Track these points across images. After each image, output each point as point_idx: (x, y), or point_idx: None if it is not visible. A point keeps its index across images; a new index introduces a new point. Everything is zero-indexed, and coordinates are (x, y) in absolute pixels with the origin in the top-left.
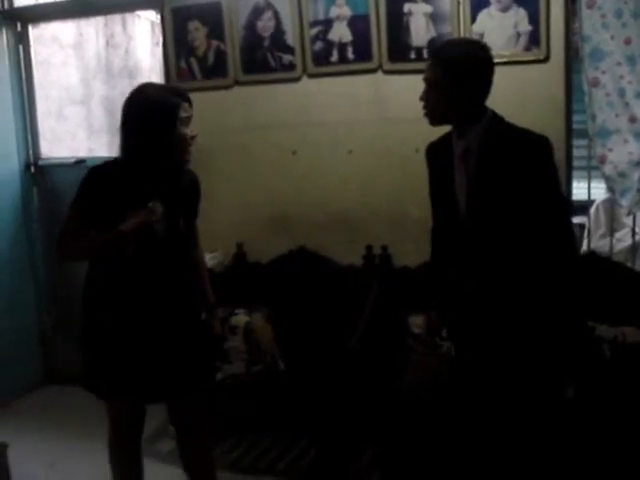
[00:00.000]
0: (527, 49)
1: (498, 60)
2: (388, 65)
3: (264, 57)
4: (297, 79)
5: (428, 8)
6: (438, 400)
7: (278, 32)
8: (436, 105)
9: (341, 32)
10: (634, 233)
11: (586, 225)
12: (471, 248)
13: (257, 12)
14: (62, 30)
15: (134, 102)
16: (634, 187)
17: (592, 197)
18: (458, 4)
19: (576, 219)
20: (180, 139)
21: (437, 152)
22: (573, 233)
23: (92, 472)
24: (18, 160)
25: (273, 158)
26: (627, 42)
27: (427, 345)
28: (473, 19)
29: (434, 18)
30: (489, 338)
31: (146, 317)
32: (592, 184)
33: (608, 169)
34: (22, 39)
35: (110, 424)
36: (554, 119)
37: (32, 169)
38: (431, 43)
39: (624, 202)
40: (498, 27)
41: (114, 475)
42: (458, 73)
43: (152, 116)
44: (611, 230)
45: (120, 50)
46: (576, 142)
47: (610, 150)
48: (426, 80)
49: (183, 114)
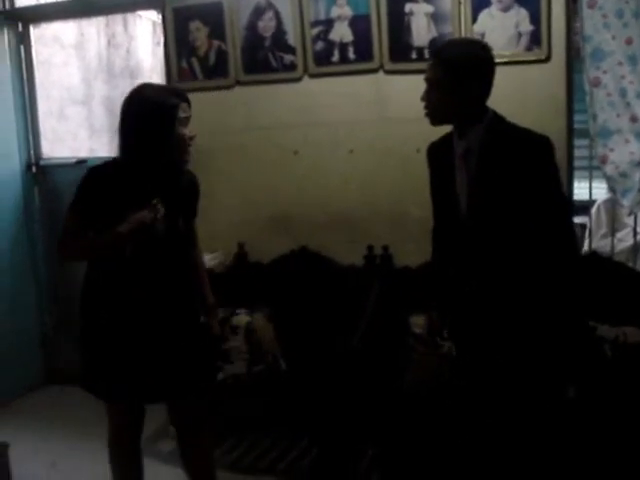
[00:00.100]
0: (528, 49)
1: (499, 60)
2: (389, 65)
3: (265, 57)
4: (298, 79)
5: (429, 8)
6: (439, 400)
7: (279, 32)
8: (437, 105)
9: (342, 32)
10: (635, 233)
11: (587, 225)
12: (472, 248)
13: (258, 12)
14: (63, 30)
15: (132, 102)
16: (635, 187)
17: (593, 197)
18: (459, 4)
19: (577, 219)
20: (179, 139)
21: (438, 152)
22: (574, 233)
23: (93, 472)
24: (19, 160)
25: (274, 158)
26: (628, 42)
27: (428, 345)
28: (474, 19)
29: (435, 18)
30: (490, 338)
31: (145, 317)
32: (593, 184)
33: (609, 169)
34: (23, 39)
35: (109, 424)
36: (555, 119)
37: (33, 169)
38: (432, 43)
39: (625, 202)
40: (499, 27)
41: (114, 475)
42: (459, 73)
43: (151, 116)
44: (612, 230)
45: (121, 50)
46: (577, 142)
47: (611, 150)
48: (427, 80)
49: (182, 114)
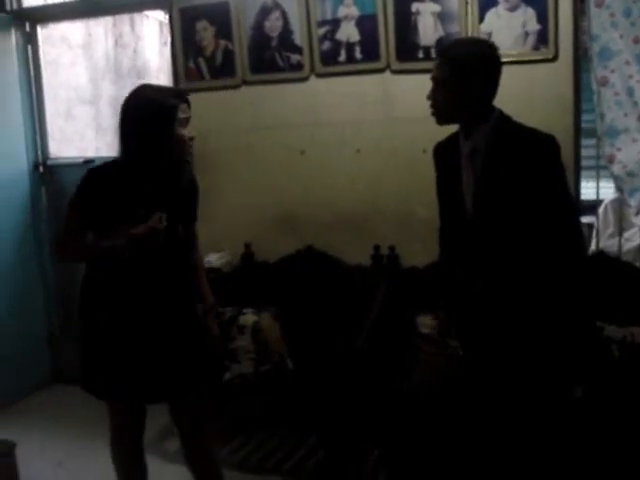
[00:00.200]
0: (535, 48)
1: (506, 59)
2: (396, 65)
3: (272, 57)
4: (305, 79)
5: (436, 7)
6: (446, 400)
7: (286, 32)
8: (443, 104)
9: (349, 32)
10: None
11: (595, 225)
12: (479, 248)
13: (265, 12)
14: (71, 30)
15: (132, 103)
16: None
17: (601, 197)
18: (466, 3)
19: (585, 219)
20: (178, 140)
21: (444, 152)
22: (581, 233)
23: (100, 471)
24: (27, 160)
25: (281, 158)
26: (636, 41)
27: (437, 345)
28: (481, 18)
29: (442, 17)
30: (497, 338)
31: (144, 318)
32: (601, 183)
33: (617, 168)
34: (31, 39)
35: (111, 424)
36: (562, 118)
37: (41, 169)
38: (439, 42)
39: (633, 202)
40: (506, 26)
41: (117, 474)
42: (466, 72)
43: (150, 117)
44: (620, 230)
45: (129, 50)
46: (584, 141)
47: (619, 149)
48: (434, 79)
49: (181, 115)
